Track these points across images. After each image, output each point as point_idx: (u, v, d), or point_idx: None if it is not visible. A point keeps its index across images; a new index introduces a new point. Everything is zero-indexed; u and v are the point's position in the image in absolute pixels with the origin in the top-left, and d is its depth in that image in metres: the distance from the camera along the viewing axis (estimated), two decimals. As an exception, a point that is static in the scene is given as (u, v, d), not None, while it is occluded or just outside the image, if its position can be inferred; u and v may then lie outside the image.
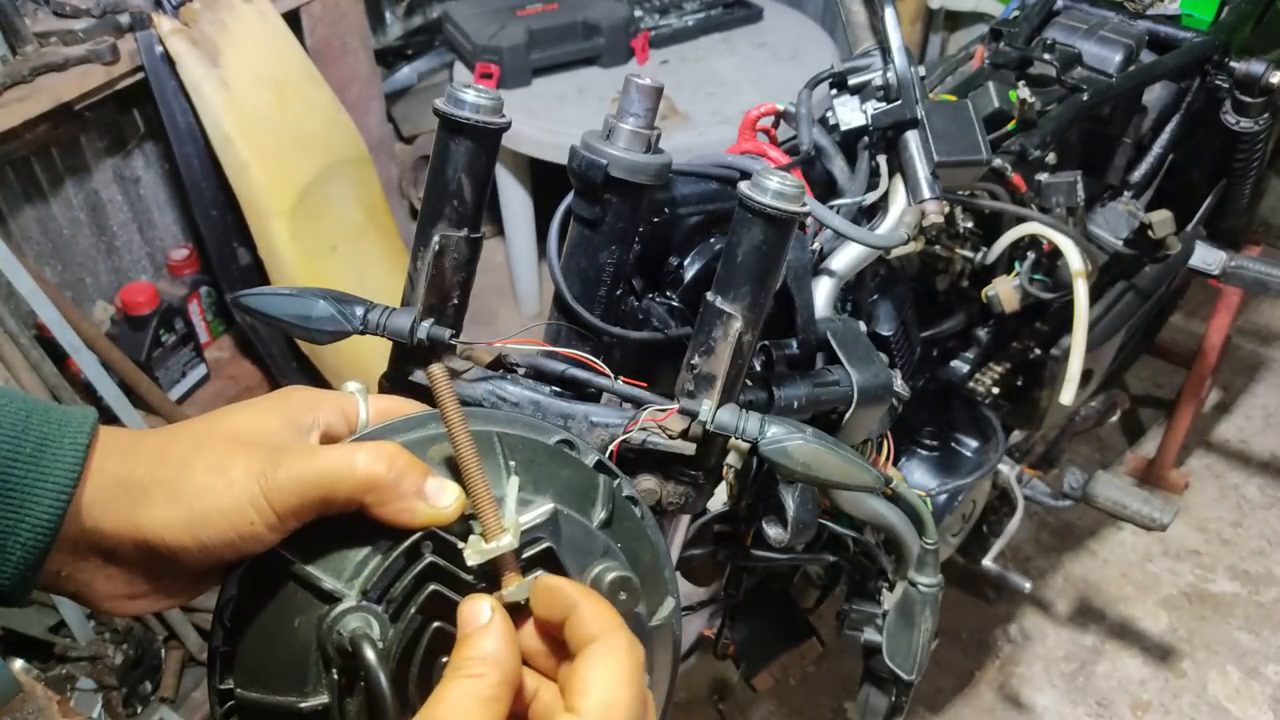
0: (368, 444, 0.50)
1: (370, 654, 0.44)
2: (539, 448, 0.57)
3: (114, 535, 0.48)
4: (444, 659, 0.47)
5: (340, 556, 0.49)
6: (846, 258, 0.99)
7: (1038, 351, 1.37)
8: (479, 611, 0.46)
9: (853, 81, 1.07)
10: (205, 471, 0.48)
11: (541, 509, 0.51)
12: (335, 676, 0.45)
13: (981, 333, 1.35)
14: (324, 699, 0.46)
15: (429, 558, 0.48)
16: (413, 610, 0.47)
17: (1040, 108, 1.21)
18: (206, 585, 0.53)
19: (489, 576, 0.49)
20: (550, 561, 0.50)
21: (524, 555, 0.49)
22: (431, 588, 0.47)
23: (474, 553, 0.48)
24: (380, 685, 0.43)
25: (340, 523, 0.49)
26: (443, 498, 0.49)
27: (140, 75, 1.88)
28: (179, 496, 0.47)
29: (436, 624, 0.47)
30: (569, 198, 0.83)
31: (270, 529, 0.47)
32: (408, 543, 0.48)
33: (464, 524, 0.49)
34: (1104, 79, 1.31)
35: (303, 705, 0.46)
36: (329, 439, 0.54)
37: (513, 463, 0.54)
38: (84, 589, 0.50)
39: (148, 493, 0.48)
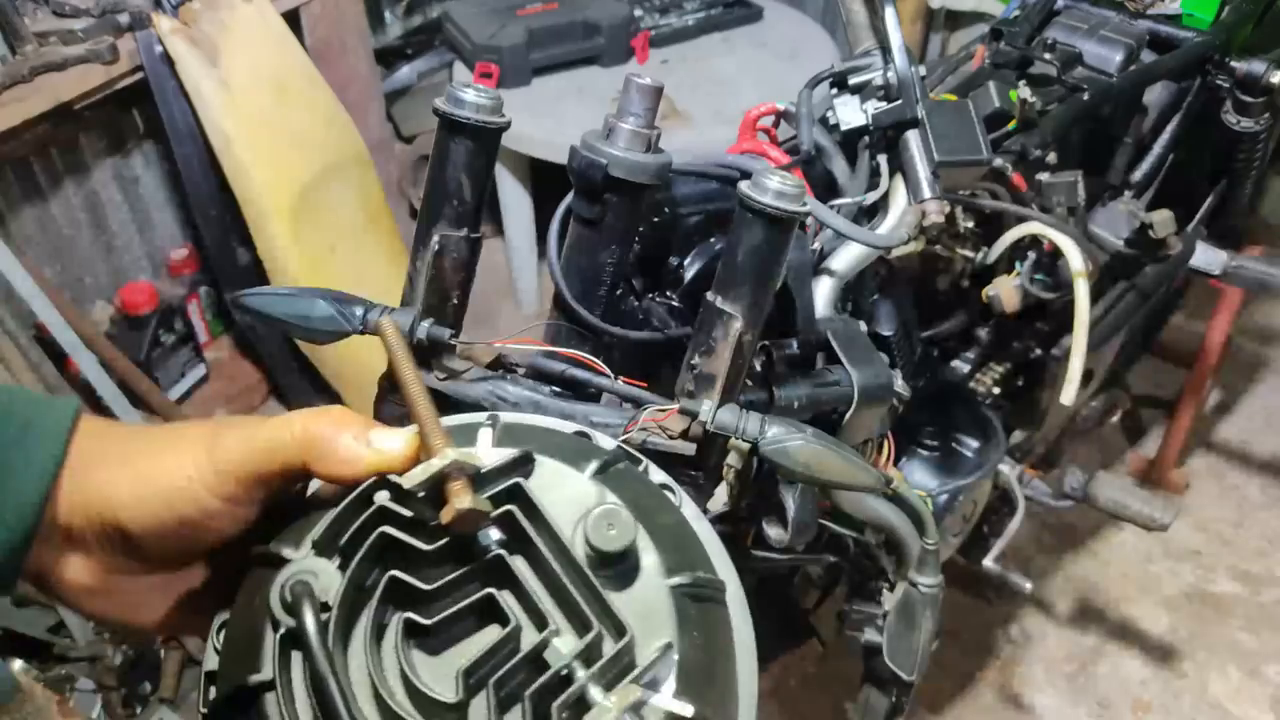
0: (312, 409, 0.49)
1: (305, 605, 0.41)
2: (538, 429, 0.54)
3: (68, 507, 0.47)
4: (399, 613, 0.44)
5: (303, 528, 0.47)
6: (847, 258, 0.99)
7: (1038, 351, 1.37)
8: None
9: (853, 81, 1.07)
10: (158, 439, 0.49)
11: (511, 451, 0.48)
12: (278, 636, 0.42)
13: (982, 333, 1.35)
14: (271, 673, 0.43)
15: (379, 503, 0.45)
16: (359, 556, 0.44)
17: (1041, 107, 1.20)
18: (176, 609, 0.52)
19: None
20: (523, 504, 0.46)
21: (488, 494, 0.46)
22: (380, 530, 0.44)
23: (413, 474, 0.45)
24: (308, 634, 0.40)
25: (312, 505, 0.48)
26: (390, 440, 0.47)
27: (140, 75, 1.88)
28: (127, 460, 0.48)
29: (391, 573, 0.44)
30: (569, 198, 0.83)
31: (210, 491, 0.46)
32: (358, 491, 0.45)
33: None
34: (1104, 79, 1.30)
35: (251, 679, 0.42)
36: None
37: (490, 421, 0.51)
38: (46, 574, 0.49)
39: (105, 460, 0.48)
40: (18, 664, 1.79)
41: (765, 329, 0.77)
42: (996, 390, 1.33)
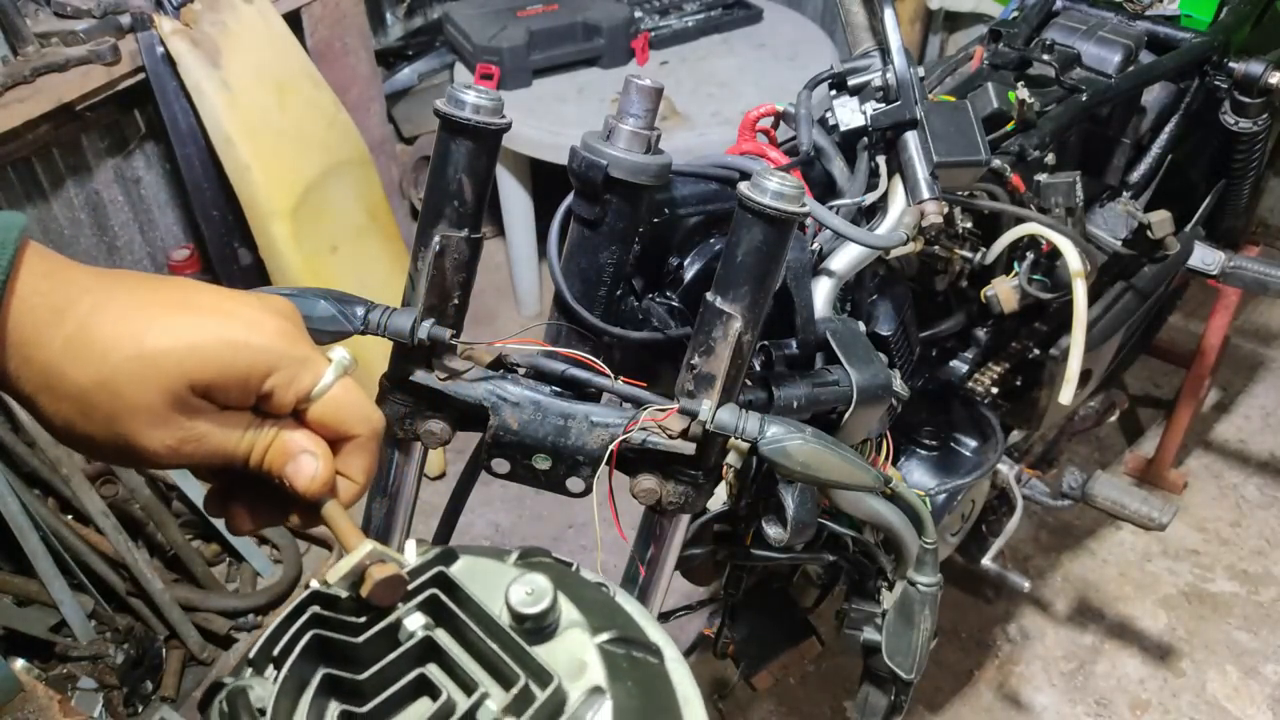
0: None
1: (241, 711, 0.42)
2: (462, 546, 0.56)
3: (15, 377, 0.46)
4: (336, 704, 0.45)
5: (245, 659, 0.48)
6: (846, 258, 1.00)
7: (1037, 351, 1.37)
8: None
9: (852, 82, 1.08)
10: (107, 394, 0.46)
11: (436, 549, 0.51)
12: None
13: (980, 333, 1.35)
14: None
15: (311, 611, 0.47)
16: (293, 658, 0.45)
17: (1039, 108, 1.21)
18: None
19: (376, 613, 0.47)
20: (445, 587, 0.48)
21: (412, 585, 0.48)
22: (312, 633, 0.46)
23: (337, 567, 0.47)
24: None
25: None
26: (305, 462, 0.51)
27: (141, 76, 1.89)
28: (62, 322, 0.46)
29: (324, 670, 0.45)
30: (569, 198, 0.83)
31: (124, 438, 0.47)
32: (293, 604, 0.47)
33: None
34: (1103, 79, 1.31)
35: None
36: (266, 402, 0.52)
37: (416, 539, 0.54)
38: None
39: (44, 318, 0.46)
40: (19, 663, 1.80)
41: (765, 329, 0.77)
42: (995, 390, 1.34)
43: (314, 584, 0.49)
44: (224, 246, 2.14)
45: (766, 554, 1.10)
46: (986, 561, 1.45)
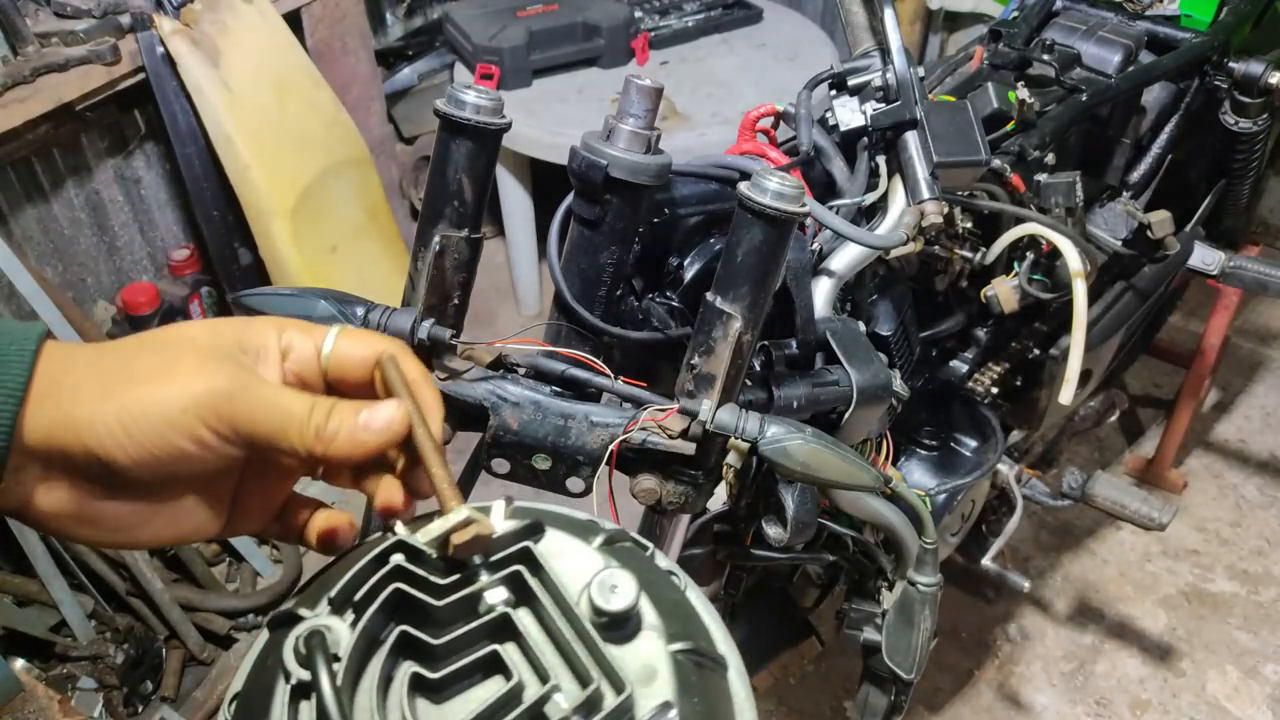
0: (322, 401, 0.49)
1: (318, 654, 0.42)
2: (548, 511, 0.55)
3: (46, 436, 0.46)
4: (407, 664, 0.45)
5: (320, 590, 0.47)
6: (846, 258, 1.00)
7: (1037, 351, 1.37)
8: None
9: (852, 82, 1.08)
10: (146, 366, 0.47)
11: (522, 520, 0.50)
12: (289, 687, 0.43)
13: (980, 333, 1.35)
14: None
15: (394, 563, 0.47)
16: (372, 610, 0.45)
17: (1039, 108, 1.21)
18: (160, 527, 0.52)
19: (458, 578, 0.47)
20: (530, 565, 0.48)
21: (498, 556, 0.48)
22: (394, 586, 0.46)
23: (429, 529, 0.47)
24: (320, 681, 0.41)
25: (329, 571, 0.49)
26: (383, 417, 0.50)
27: (141, 76, 1.89)
28: (109, 391, 0.46)
29: (401, 627, 0.45)
30: (569, 198, 0.83)
31: (209, 429, 0.47)
32: (376, 550, 0.47)
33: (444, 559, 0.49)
34: (1103, 79, 1.31)
35: None
36: (289, 357, 0.53)
37: (504, 499, 0.53)
38: (26, 505, 0.48)
39: (80, 389, 0.47)
40: (19, 663, 1.80)
41: (765, 329, 0.77)
42: (995, 390, 1.34)
43: (400, 529, 0.48)
44: (224, 246, 2.15)
45: (766, 554, 1.10)
46: (986, 561, 1.45)
